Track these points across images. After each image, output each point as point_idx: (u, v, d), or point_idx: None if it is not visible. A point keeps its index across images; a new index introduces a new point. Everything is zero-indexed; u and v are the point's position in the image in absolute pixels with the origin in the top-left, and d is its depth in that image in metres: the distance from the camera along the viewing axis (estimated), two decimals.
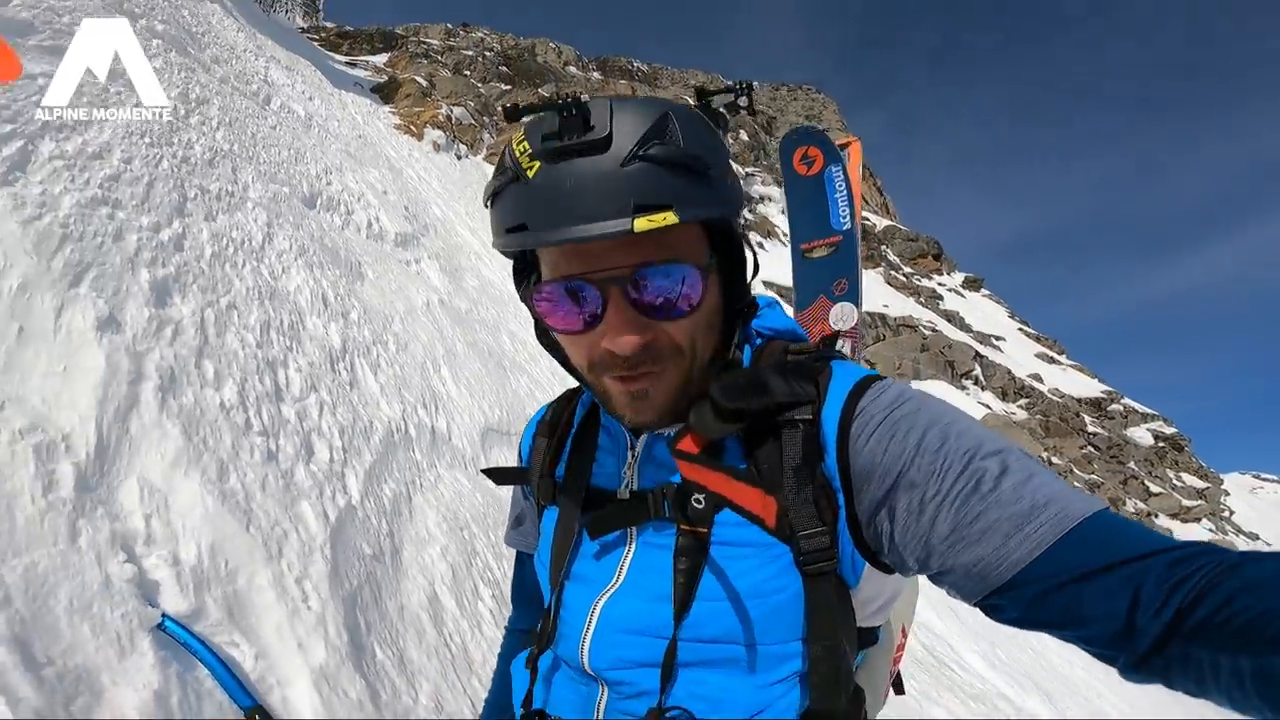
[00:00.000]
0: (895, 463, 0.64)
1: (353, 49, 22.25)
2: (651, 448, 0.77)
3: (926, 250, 34.64)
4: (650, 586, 0.72)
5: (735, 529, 0.69)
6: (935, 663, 5.05)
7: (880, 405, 0.68)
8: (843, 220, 4.00)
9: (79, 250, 1.83)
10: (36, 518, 1.28)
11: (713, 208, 0.66)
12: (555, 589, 0.78)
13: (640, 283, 0.65)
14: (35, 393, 1.50)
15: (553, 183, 0.62)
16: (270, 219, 3.75)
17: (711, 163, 0.66)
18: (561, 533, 0.79)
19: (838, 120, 64.65)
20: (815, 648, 0.67)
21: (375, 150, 9.49)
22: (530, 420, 0.95)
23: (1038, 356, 27.16)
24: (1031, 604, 0.56)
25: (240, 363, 2.28)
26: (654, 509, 0.72)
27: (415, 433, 3.34)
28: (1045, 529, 0.56)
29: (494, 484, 0.92)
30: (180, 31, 5.62)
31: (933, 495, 0.61)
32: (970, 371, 21.42)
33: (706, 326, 0.72)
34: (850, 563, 0.68)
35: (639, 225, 0.60)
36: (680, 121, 0.65)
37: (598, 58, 54.37)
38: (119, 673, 1.17)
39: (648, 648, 0.69)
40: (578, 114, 0.61)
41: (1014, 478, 0.59)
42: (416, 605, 2.07)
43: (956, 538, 0.60)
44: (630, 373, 0.69)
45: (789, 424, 0.69)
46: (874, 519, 0.66)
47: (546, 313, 0.70)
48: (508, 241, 0.67)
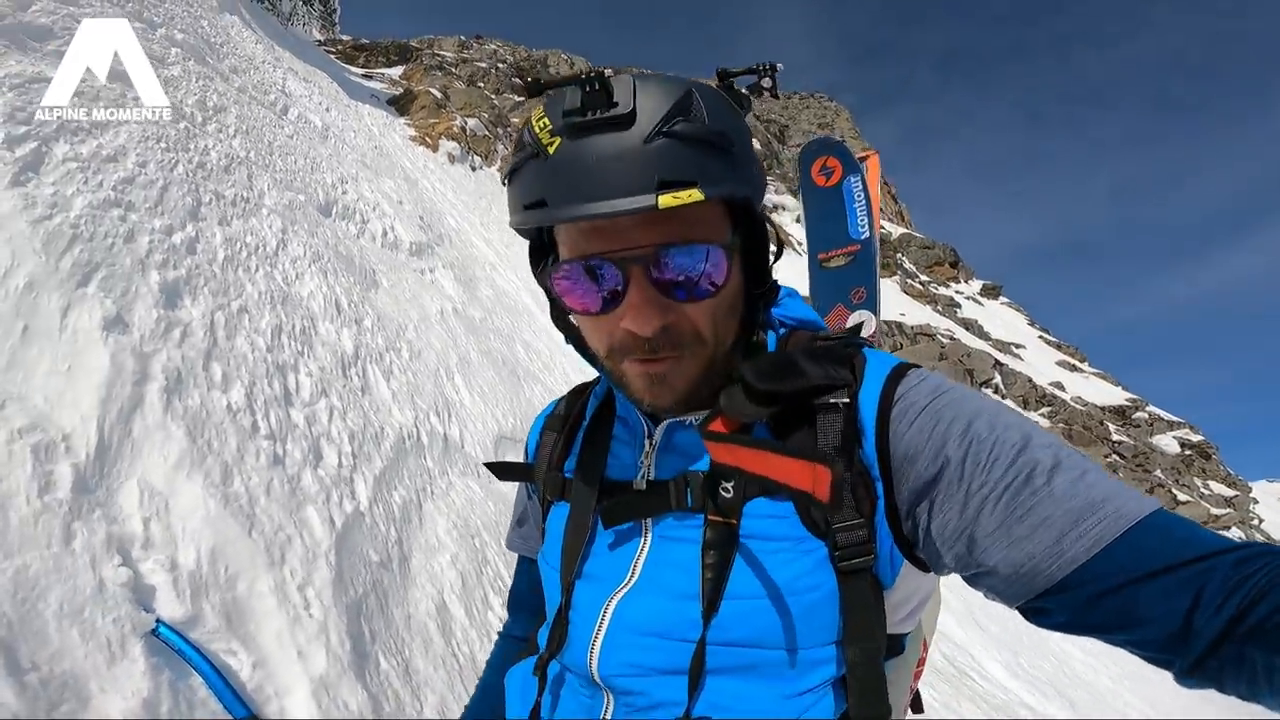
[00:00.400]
0: (940, 450, 0.60)
1: (369, 61, 22.65)
2: (671, 436, 0.73)
3: (943, 258, 34.31)
4: (669, 583, 0.66)
5: (766, 521, 0.65)
6: (956, 672, 4.90)
7: (923, 391, 0.64)
8: (861, 230, 4.06)
9: (88, 250, 1.82)
10: (30, 519, 1.25)
11: (737, 186, 0.64)
12: (566, 589, 0.72)
13: (663, 262, 0.62)
14: (38, 391, 1.47)
15: (574, 158, 0.60)
16: (285, 225, 3.76)
17: (735, 141, 0.64)
18: (573, 528, 0.74)
19: (851, 128, 64.56)
20: (853, 651, 0.62)
21: (391, 161, 9.59)
22: (538, 416, 0.90)
23: (1059, 364, 26.69)
24: (1085, 606, 0.52)
25: (249, 366, 2.26)
26: (675, 499, 0.67)
27: (427, 440, 3.30)
28: (1104, 526, 0.52)
29: (497, 478, 0.87)
30: (199, 41, 5.72)
31: (979, 486, 0.57)
32: (990, 380, 21.08)
33: (729, 309, 0.69)
34: (889, 559, 0.63)
35: (663, 202, 0.58)
36: (704, 99, 0.63)
37: (611, 67, 55.07)
38: (107, 679, 1.12)
39: (668, 652, 0.63)
40: (601, 89, 0.59)
41: (1068, 473, 0.55)
42: (424, 614, 2.01)
43: (1004, 532, 0.55)
44: (650, 355, 0.66)
45: (824, 408, 0.65)
46: (914, 509, 0.62)
47: (565, 292, 0.67)
48: (525, 218, 0.65)
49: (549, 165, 0.62)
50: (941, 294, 30.21)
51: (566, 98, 0.62)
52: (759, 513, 0.65)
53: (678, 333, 0.66)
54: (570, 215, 0.61)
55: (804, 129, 60.35)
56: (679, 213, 0.62)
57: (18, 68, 2.38)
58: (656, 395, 0.68)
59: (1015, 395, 20.80)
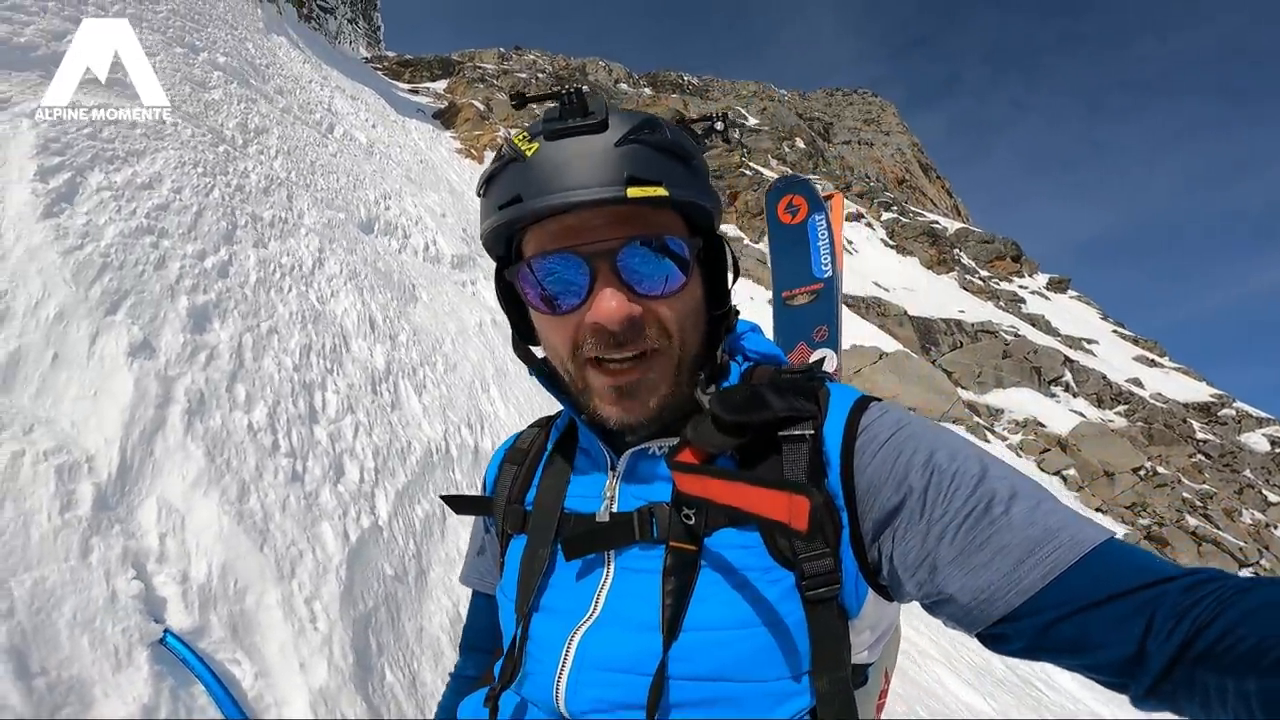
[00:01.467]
0: (903, 480, 0.61)
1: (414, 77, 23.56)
2: (635, 467, 0.73)
3: (1004, 252, 32.80)
4: (633, 615, 0.66)
5: (732, 551, 0.65)
6: (1019, 681, 4.64)
7: (886, 424, 0.66)
8: (824, 269, 4.17)
9: (118, 278, 1.95)
10: (50, 534, 1.33)
11: (699, 196, 0.69)
12: (521, 621, 0.72)
13: (631, 255, 0.66)
14: (65, 416, 1.58)
15: (551, 157, 0.65)
16: (323, 244, 3.92)
17: (696, 158, 0.69)
18: (529, 560, 0.74)
19: (898, 123, 62.74)
20: (823, 681, 0.62)
21: (436, 174, 9.90)
22: (497, 449, 0.92)
23: (1136, 360, 25.03)
24: (1041, 632, 0.53)
25: (275, 386, 2.36)
26: (639, 530, 0.68)
27: (457, 452, 3.36)
28: (1059, 553, 0.53)
29: (454, 512, 0.89)
30: (243, 64, 6.02)
31: (940, 515, 0.59)
32: (1060, 378, 19.95)
33: (693, 316, 0.71)
34: (854, 588, 0.64)
35: (632, 192, 0.63)
36: (667, 125, 0.70)
37: (648, 73, 55.38)
38: (111, 685, 1.18)
39: (631, 687, 0.63)
40: (577, 100, 0.66)
41: (1025, 503, 0.57)
42: (437, 627, 2.05)
43: (963, 560, 0.57)
44: (617, 356, 0.67)
45: (790, 439, 0.66)
46: (878, 538, 0.63)
47: (529, 289, 0.69)
48: (499, 218, 0.69)
49: (526, 166, 0.67)
50: (1004, 289, 28.87)
51: (545, 113, 0.68)
52: (725, 543, 0.65)
53: (645, 329, 0.67)
54: (546, 203, 0.65)
55: (849, 125, 59.05)
56: (645, 215, 0.67)
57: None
58: (625, 409, 0.69)
59: (1088, 393, 19.62)
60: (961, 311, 22.82)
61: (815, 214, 4.03)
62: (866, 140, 58.79)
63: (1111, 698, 5.05)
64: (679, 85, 53.70)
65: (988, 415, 16.69)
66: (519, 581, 0.74)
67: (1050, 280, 32.90)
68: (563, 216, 0.67)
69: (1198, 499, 14.55)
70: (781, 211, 4.08)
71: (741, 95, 52.67)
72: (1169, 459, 15.92)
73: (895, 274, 24.79)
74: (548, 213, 0.66)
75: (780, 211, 4.08)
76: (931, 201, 53.66)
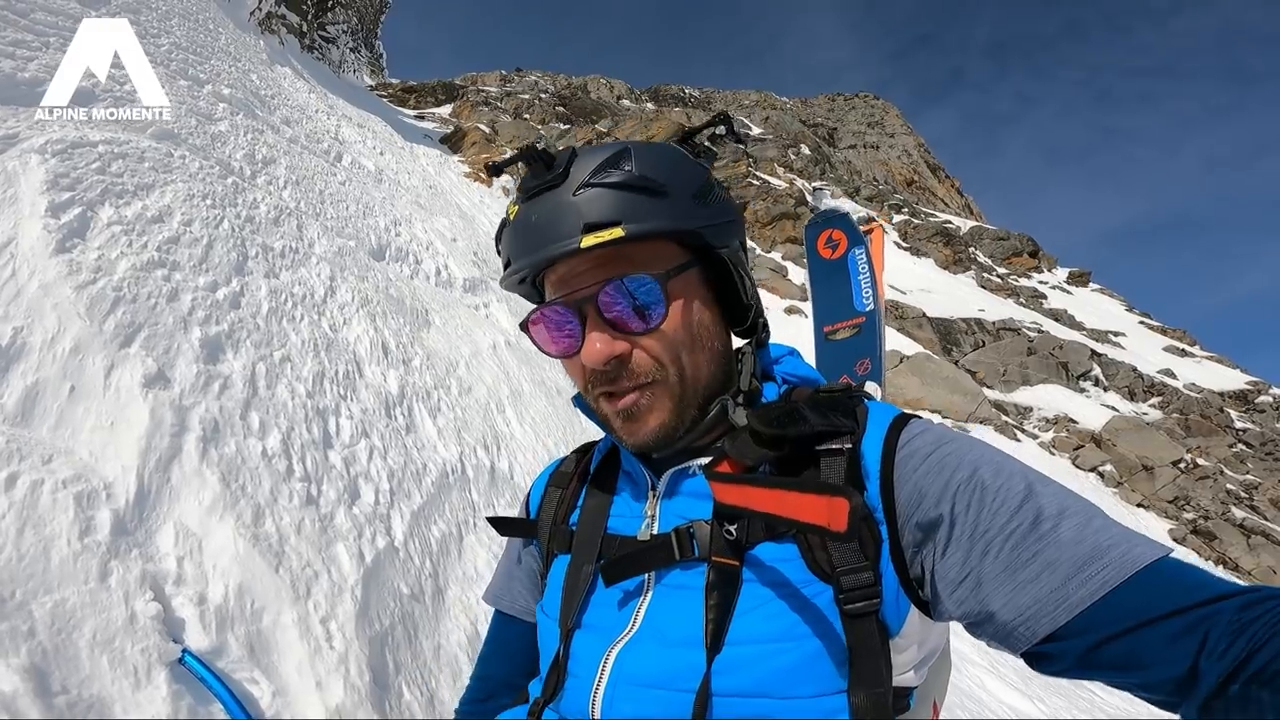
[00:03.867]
0: (945, 495, 0.61)
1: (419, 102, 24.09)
2: (675, 486, 0.75)
3: (1020, 248, 32.37)
4: (671, 631, 0.66)
5: (771, 566, 0.65)
6: (1070, 684, 4.48)
7: (928, 439, 0.66)
8: (866, 303, 4.23)
9: (131, 312, 2.00)
10: (70, 558, 1.36)
11: (672, 221, 0.69)
12: (564, 637, 0.73)
13: (605, 297, 0.68)
14: (84, 446, 1.62)
15: (525, 218, 0.71)
16: (334, 272, 4.00)
17: (669, 183, 0.69)
18: (573, 578, 0.76)
19: (902, 125, 62.59)
20: (860, 697, 0.61)
21: (445, 199, 10.06)
22: (542, 473, 0.94)
23: (1167, 350, 24.39)
24: (1090, 651, 0.52)
25: (288, 413, 2.40)
26: (679, 549, 0.69)
27: (473, 473, 3.37)
28: (1110, 571, 0.52)
29: (498, 533, 0.92)
30: (248, 95, 6.17)
31: (984, 530, 0.58)
32: (1088, 372, 19.51)
33: (692, 342, 0.72)
34: (894, 604, 0.63)
35: (585, 241, 0.66)
36: (638, 153, 0.70)
37: (649, 88, 56.04)
38: (131, 704, 1.20)
39: (668, 703, 0.63)
40: (540, 160, 0.70)
41: (1075, 519, 0.56)
42: (455, 645, 2.04)
43: (1009, 576, 0.55)
44: (612, 388, 0.71)
45: (828, 453, 0.67)
46: (919, 553, 0.62)
47: (535, 337, 0.74)
48: (505, 277, 0.75)
49: (512, 229, 0.73)
50: (1023, 286, 28.44)
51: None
52: (764, 557, 0.66)
53: (633, 365, 0.70)
54: (520, 266, 0.71)
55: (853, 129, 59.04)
56: (626, 253, 0.70)
57: (60, 133, 2.63)
58: (632, 432, 0.72)
59: (1119, 386, 19.14)
60: (981, 310, 22.51)
61: (855, 248, 4.11)
62: (872, 144, 58.71)
63: None
64: (681, 98, 54.29)
65: (1016, 414, 16.34)
66: (562, 599, 0.76)
67: (1071, 274, 32.36)
68: (555, 268, 0.72)
69: (1242, 490, 14.03)
70: (821, 246, 4.17)
71: (744, 105, 53.04)
72: (1209, 450, 15.41)
73: (910, 276, 24.58)
74: (532, 272, 0.72)
75: (820, 246, 4.17)
76: (942, 201, 53.24)
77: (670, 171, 0.71)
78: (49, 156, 2.32)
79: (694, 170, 0.74)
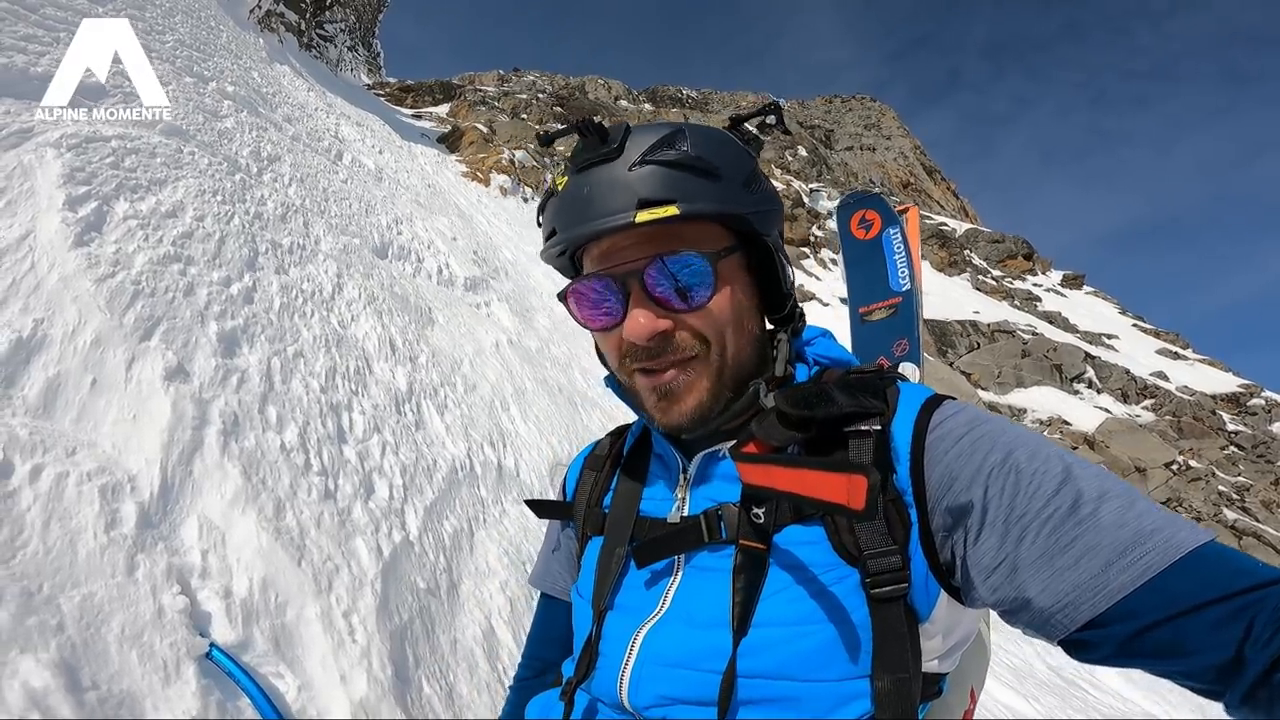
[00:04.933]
0: (978, 478, 0.59)
1: (416, 102, 23.96)
2: (706, 469, 0.75)
3: (1015, 250, 32.55)
4: (699, 612, 0.67)
5: (797, 547, 0.65)
6: (1063, 683, 4.50)
7: (960, 420, 0.65)
8: (902, 282, 4.20)
9: (150, 305, 1.99)
10: (97, 552, 1.36)
11: (723, 204, 0.69)
12: (597, 618, 0.74)
13: (654, 271, 0.68)
14: (107, 439, 1.61)
15: (576, 190, 0.70)
16: (340, 269, 3.99)
17: (722, 167, 0.69)
18: (605, 559, 0.77)
19: (899, 126, 62.81)
20: (883, 681, 0.60)
21: (445, 199, 10.02)
22: (578, 455, 0.95)
23: (1159, 353, 24.59)
24: (1130, 639, 0.51)
25: (304, 407, 2.39)
26: (708, 532, 0.69)
27: (480, 470, 3.37)
28: (1153, 556, 0.51)
29: (535, 515, 0.93)
30: (251, 93, 6.14)
31: (1020, 515, 0.56)
32: (1082, 374, 19.66)
33: (734, 323, 0.72)
34: (924, 588, 0.62)
35: (640, 217, 0.66)
36: (693, 134, 0.70)
37: (647, 89, 55.98)
38: (161, 699, 1.19)
39: (696, 683, 0.63)
40: (595, 133, 0.70)
41: (1116, 503, 0.55)
42: (471, 639, 2.04)
43: (1046, 562, 0.54)
44: (653, 364, 0.70)
45: (856, 434, 0.66)
46: (950, 537, 0.61)
47: (575, 308, 0.74)
48: (546, 248, 0.75)
49: (559, 199, 0.72)
50: (1018, 288, 28.62)
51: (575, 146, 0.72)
52: (791, 540, 0.65)
53: (678, 340, 0.70)
54: (569, 237, 0.71)
55: (850, 131, 59.20)
56: (674, 231, 0.69)
57: (74, 127, 2.60)
58: (665, 411, 0.72)
59: (1112, 388, 19.28)
60: (976, 312, 22.64)
61: (890, 228, 4.08)
62: (868, 145, 58.90)
63: (1161, 696, 4.89)
64: (678, 99, 54.27)
65: (1010, 416, 16.45)
66: (595, 580, 0.76)
67: (1065, 277, 32.56)
68: (599, 241, 0.72)
69: (1234, 491, 14.17)
70: (855, 227, 4.13)
71: (741, 106, 53.10)
72: (1201, 452, 15.56)
73: None
74: (578, 243, 0.72)
75: (854, 227, 4.13)
76: (938, 203, 53.45)
77: (723, 155, 0.71)
78: (64, 150, 2.30)
79: (744, 156, 0.74)
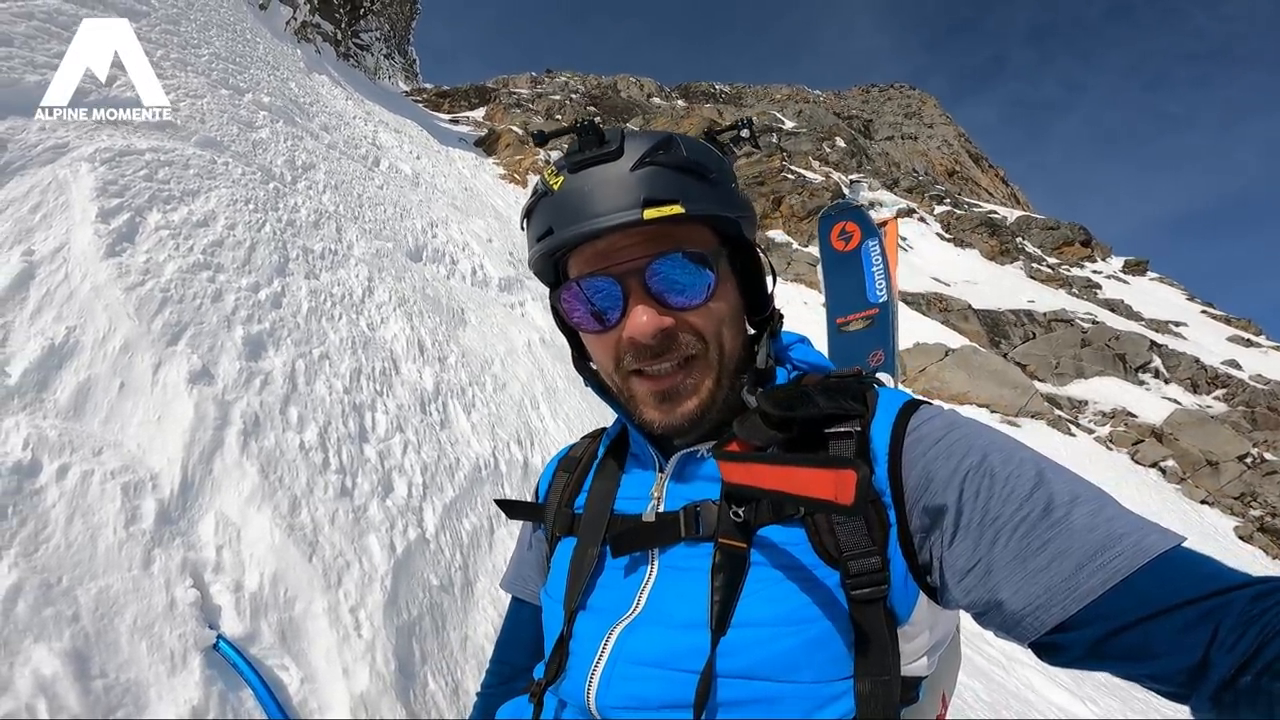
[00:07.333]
0: (954, 479, 0.60)
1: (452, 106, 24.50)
2: (684, 468, 0.75)
3: (1072, 237, 31.04)
4: (675, 612, 0.66)
5: (778, 549, 0.65)
6: (1124, 684, 4.26)
7: (937, 425, 0.65)
8: (879, 294, 4.18)
9: (178, 311, 2.09)
10: (115, 546, 1.43)
11: (720, 207, 0.71)
12: (568, 618, 0.74)
13: (656, 271, 0.68)
14: (132, 439, 1.70)
15: (574, 189, 0.70)
16: (372, 273, 4.10)
17: (715, 171, 0.71)
18: (578, 560, 0.77)
19: (940, 114, 60.68)
20: (864, 684, 0.60)
21: (481, 201, 10.21)
22: (552, 458, 0.96)
23: (1231, 340, 23.04)
24: (1099, 641, 0.51)
25: (326, 408, 2.47)
26: (685, 527, 0.69)
27: (505, 468, 3.42)
28: (1123, 560, 0.51)
29: (506, 516, 0.95)
30: (287, 103, 6.36)
31: (994, 518, 0.57)
32: (1148, 364, 18.60)
33: (730, 323, 0.73)
34: (903, 589, 0.63)
35: (648, 214, 0.66)
36: (684, 141, 0.72)
37: (679, 85, 55.73)
38: (165, 688, 1.25)
39: (670, 683, 0.63)
40: (593, 133, 0.70)
41: (1087, 507, 0.55)
42: (482, 636, 2.07)
43: (1019, 564, 0.54)
44: (656, 365, 0.70)
45: (836, 436, 0.67)
46: (926, 539, 0.61)
47: (570, 311, 0.74)
48: (537, 250, 0.75)
49: (554, 199, 0.72)
50: (1076, 275, 27.29)
51: (568, 148, 0.72)
52: (770, 540, 0.65)
53: (680, 338, 0.70)
54: (571, 234, 0.70)
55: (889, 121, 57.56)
56: (669, 232, 0.70)
57: (109, 141, 2.73)
58: (667, 412, 0.72)
59: (1180, 378, 18.19)
60: (1031, 301, 21.71)
61: (869, 240, 4.07)
62: (909, 134, 57.16)
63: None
64: (712, 95, 53.83)
65: (1070, 408, 15.69)
66: (567, 580, 0.76)
67: (1127, 263, 30.89)
68: (594, 242, 0.71)
69: None
70: (835, 239, 4.14)
71: (775, 99, 52.27)
72: (1276, 444, 14.52)
73: (954, 267, 23.84)
74: (577, 241, 0.71)
75: (834, 239, 4.15)
76: (986, 191, 51.47)
77: (714, 161, 0.73)
78: (98, 165, 2.44)
79: (727, 164, 0.76)
